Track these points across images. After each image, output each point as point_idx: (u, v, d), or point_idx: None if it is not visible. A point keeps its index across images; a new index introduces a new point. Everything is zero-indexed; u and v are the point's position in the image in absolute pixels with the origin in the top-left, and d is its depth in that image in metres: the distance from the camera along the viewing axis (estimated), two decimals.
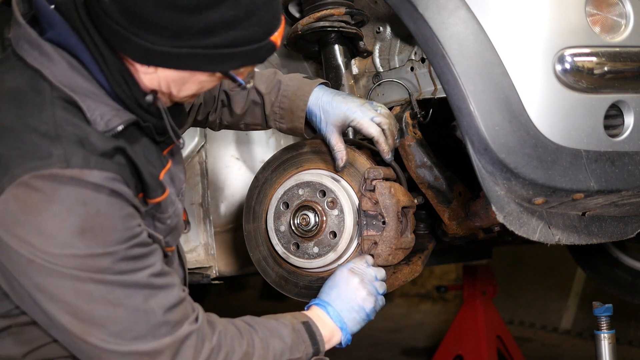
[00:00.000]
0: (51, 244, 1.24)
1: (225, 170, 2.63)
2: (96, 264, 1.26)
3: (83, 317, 1.27)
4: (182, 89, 1.43)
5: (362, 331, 1.87)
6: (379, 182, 1.83)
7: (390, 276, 1.96)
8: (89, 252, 1.25)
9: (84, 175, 1.25)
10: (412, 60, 2.07)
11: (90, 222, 1.25)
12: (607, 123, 1.70)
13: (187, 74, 1.38)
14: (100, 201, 1.27)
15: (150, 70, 1.37)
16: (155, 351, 1.30)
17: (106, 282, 1.27)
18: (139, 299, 1.30)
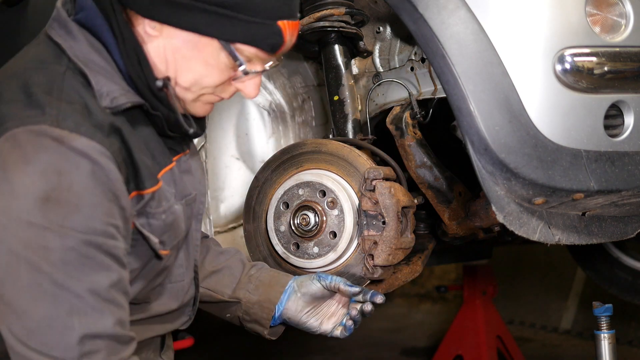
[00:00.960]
0: (13, 205, 1.20)
1: (225, 170, 2.63)
2: (42, 241, 1.19)
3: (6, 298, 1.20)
4: (188, 68, 1.39)
5: (362, 331, 1.86)
6: (379, 182, 1.83)
7: (390, 276, 1.96)
8: (42, 224, 1.18)
9: (71, 139, 1.22)
10: (412, 60, 2.07)
11: (57, 194, 1.20)
12: (607, 123, 1.70)
13: (191, 44, 1.36)
14: (77, 175, 1.21)
15: (157, 32, 1.36)
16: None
17: (41, 270, 1.19)
18: (64, 308, 1.20)
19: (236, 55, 1.38)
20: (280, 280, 1.82)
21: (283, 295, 1.79)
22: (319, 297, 1.79)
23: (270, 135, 2.66)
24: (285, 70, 2.56)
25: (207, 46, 1.37)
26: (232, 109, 2.64)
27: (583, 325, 5.17)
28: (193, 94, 1.44)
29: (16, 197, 1.20)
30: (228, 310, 1.83)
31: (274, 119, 2.65)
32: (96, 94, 1.32)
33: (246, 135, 2.65)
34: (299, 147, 2.02)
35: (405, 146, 2.03)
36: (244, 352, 4.96)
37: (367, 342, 5.29)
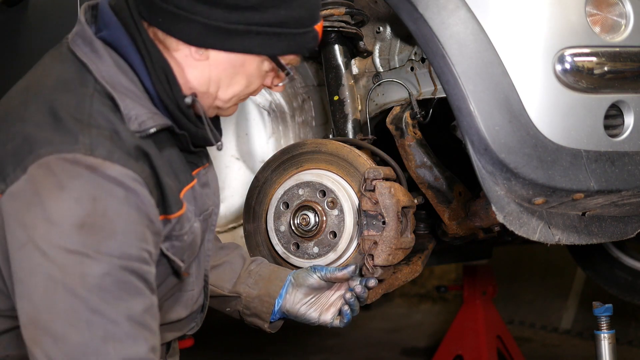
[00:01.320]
0: (49, 231, 1.21)
1: (225, 170, 2.63)
2: (79, 267, 1.20)
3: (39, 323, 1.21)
4: (230, 84, 1.44)
5: (362, 331, 1.86)
6: (379, 182, 1.83)
7: (390, 276, 1.96)
8: (78, 249, 1.20)
9: (105, 166, 1.23)
10: (412, 60, 2.07)
11: (93, 219, 1.21)
12: (607, 123, 1.70)
13: (239, 62, 1.41)
14: (111, 201, 1.22)
15: (203, 58, 1.39)
16: None
17: (77, 295, 1.19)
18: (99, 334, 1.20)
19: (284, 66, 1.45)
20: (279, 275, 1.82)
21: (282, 289, 1.80)
22: (316, 289, 1.79)
23: (270, 135, 2.66)
24: None
25: (253, 61, 1.43)
26: None
27: (583, 325, 5.17)
28: (233, 102, 1.49)
29: (52, 223, 1.20)
30: (228, 304, 1.83)
31: (274, 119, 2.65)
32: (124, 117, 1.32)
33: (246, 135, 2.65)
34: (299, 147, 2.02)
35: (405, 146, 2.03)
36: (244, 352, 4.96)
37: (367, 342, 5.28)
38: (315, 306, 1.80)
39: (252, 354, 4.94)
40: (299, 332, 5.41)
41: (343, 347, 5.12)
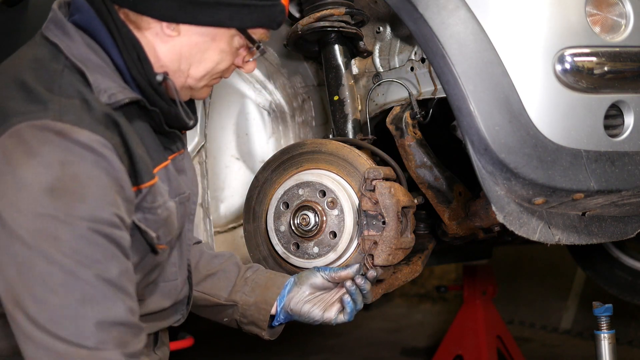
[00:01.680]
0: (21, 197, 1.22)
1: (225, 170, 2.63)
2: (52, 230, 1.21)
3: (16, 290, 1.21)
4: (202, 59, 1.47)
5: (362, 331, 1.85)
6: (379, 182, 1.83)
7: (390, 276, 1.96)
8: (49, 213, 1.20)
9: (74, 132, 1.25)
10: (412, 60, 2.07)
11: (63, 184, 1.22)
12: (607, 123, 1.70)
13: (209, 37, 1.44)
14: (81, 166, 1.24)
15: (174, 33, 1.42)
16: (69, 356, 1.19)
17: (52, 259, 1.20)
18: (76, 296, 1.21)
19: (253, 39, 1.49)
20: (276, 282, 1.82)
21: (284, 289, 1.79)
22: (320, 288, 1.79)
23: (270, 135, 2.66)
24: (285, 70, 2.56)
25: (223, 36, 1.47)
26: (232, 109, 2.64)
27: (583, 325, 5.17)
28: (205, 81, 1.53)
29: (23, 189, 1.22)
30: (225, 313, 1.83)
31: (274, 119, 2.65)
32: (94, 90, 1.35)
33: (246, 135, 2.65)
34: (299, 147, 2.02)
35: (405, 146, 2.03)
36: (244, 352, 4.96)
37: (367, 342, 5.29)
38: (319, 304, 1.79)
39: (252, 354, 4.94)
40: (299, 332, 5.41)
41: (343, 347, 5.12)
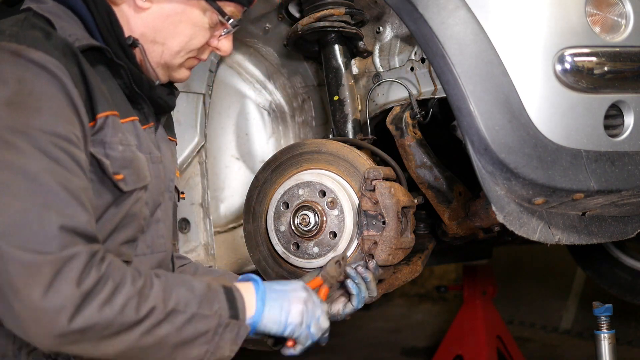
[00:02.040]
0: None
1: (225, 170, 2.63)
2: (11, 139, 1.21)
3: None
4: (175, 33, 1.54)
5: (362, 331, 1.83)
6: (379, 182, 1.83)
7: (390, 276, 1.96)
8: (8, 124, 1.21)
9: (28, 51, 1.27)
10: (412, 60, 2.07)
11: (20, 98, 1.24)
12: (607, 123, 1.70)
13: (180, 9, 1.52)
14: (37, 83, 1.26)
15: (146, 6, 1.50)
16: (36, 264, 1.18)
17: (13, 166, 1.20)
18: (38, 201, 1.20)
19: (223, 11, 1.56)
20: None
21: None
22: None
23: (270, 135, 2.66)
24: (285, 70, 2.56)
25: (194, 9, 1.54)
26: (232, 109, 2.64)
27: (583, 325, 5.17)
28: (181, 58, 1.58)
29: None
30: None
31: (274, 119, 2.65)
32: (58, 32, 1.38)
33: (246, 135, 2.65)
34: (299, 147, 2.02)
35: (405, 146, 2.03)
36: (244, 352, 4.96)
37: (367, 342, 5.29)
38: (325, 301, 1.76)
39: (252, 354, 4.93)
40: None
41: (343, 347, 5.12)
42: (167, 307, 1.30)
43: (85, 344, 1.22)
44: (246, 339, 1.45)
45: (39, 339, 1.20)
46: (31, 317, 1.18)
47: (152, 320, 1.27)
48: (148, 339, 1.27)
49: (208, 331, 1.35)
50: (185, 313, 1.32)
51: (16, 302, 1.18)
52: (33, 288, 1.17)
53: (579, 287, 5.35)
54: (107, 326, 1.22)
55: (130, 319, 1.24)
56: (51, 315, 1.18)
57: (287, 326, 1.51)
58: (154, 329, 1.28)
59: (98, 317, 1.20)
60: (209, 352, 1.36)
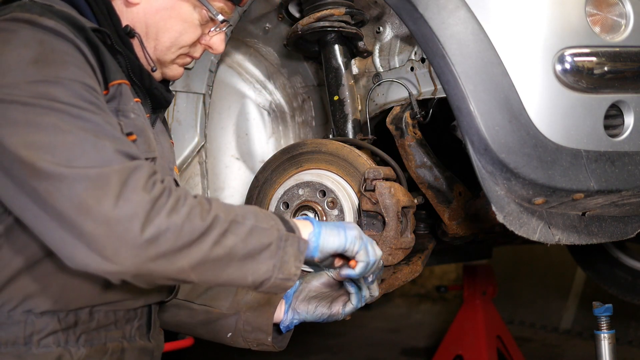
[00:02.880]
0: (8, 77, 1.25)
1: (225, 170, 2.63)
2: (48, 91, 1.24)
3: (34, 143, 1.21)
4: (166, 28, 1.56)
5: (362, 331, 1.82)
6: (379, 182, 1.83)
7: (390, 276, 1.96)
8: (41, 78, 1.24)
9: (42, 20, 1.31)
10: (412, 60, 2.07)
11: (44, 56, 1.27)
12: (607, 123, 1.70)
13: (169, 5, 1.55)
14: (56, 42, 1.30)
15: (136, 1, 1.53)
16: (103, 176, 1.19)
17: (56, 109, 1.23)
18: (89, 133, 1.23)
19: (210, 7, 1.58)
20: None
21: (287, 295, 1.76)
22: (326, 285, 1.74)
23: (270, 135, 2.66)
24: (285, 70, 2.56)
25: (182, 5, 1.56)
26: (232, 109, 2.64)
27: (583, 325, 5.17)
28: (173, 54, 1.60)
29: (8, 70, 1.25)
30: (228, 326, 1.78)
31: (274, 119, 2.65)
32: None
33: (246, 135, 2.65)
34: (299, 147, 2.02)
35: (405, 146, 2.03)
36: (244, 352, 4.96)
37: (367, 342, 5.29)
38: (325, 300, 1.74)
39: (251, 354, 4.93)
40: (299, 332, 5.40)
41: (343, 347, 5.12)
42: (229, 217, 1.29)
43: (160, 259, 1.20)
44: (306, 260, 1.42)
45: (117, 257, 1.18)
46: (106, 232, 1.16)
47: (218, 229, 1.26)
48: (218, 250, 1.26)
49: (271, 244, 1.33)
50: (245, 224, 1.31)
51: (89, 223, 1.17)
52: (104, 200, 1.16)
53: (579, 287, 5.35)
54: (178, 233, 1.21)
55: (197, 225, 1.24)
56: (125, 225, 1.17)
57: (347, 238, 1.47)
58: (221, 238, 1.27)
59: (167, 223, 1.20)
60: (276, 268, 1.34)
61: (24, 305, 1.37)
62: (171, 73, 1.65)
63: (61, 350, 1.39)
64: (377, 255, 1.52)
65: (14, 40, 1.28)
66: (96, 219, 1.16)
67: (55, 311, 1.40)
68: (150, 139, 1.49)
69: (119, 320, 1.49)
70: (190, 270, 1.24)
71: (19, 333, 1.36)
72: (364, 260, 1.49)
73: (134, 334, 1.54)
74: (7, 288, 1.36)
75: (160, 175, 1.27)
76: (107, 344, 1.47)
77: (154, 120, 1.66)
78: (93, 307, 1.44)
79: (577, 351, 4.83)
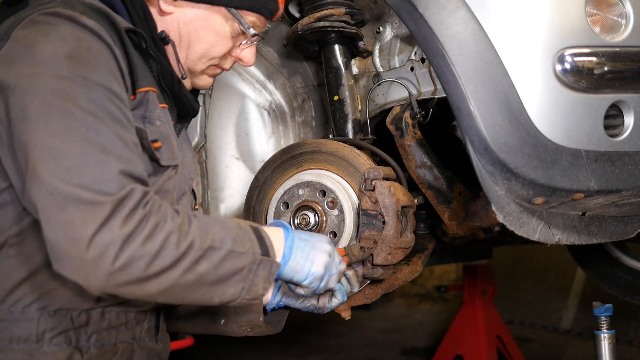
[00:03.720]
0: (42, 67, 1.28)
1: (225, 170, 2.63)
2: (71, 90, 1.26)
3: (43, 145, 1.24)
4: (198, 38, 1.59)
5: (362, 331, 1.82)
6: (379, 182, 1.83)
7: (390, 276, 1.96)
8: (70, 75, 1.27)
9: (83, 18, 1.34)
10: (412, 60, 2.07)
11: (79, 53, 1.30)
12: (607, 123, 1.70)
13: (202, 16, 1.58)
14: (93, 42, 1.33)
15: (170, 10, 1.57)
16: (95, 203, 1.21)
17: (72, 115, 1.25)
18: (97, 147, 1.25)
19: (242, 20, 1.61)
20: None
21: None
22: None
23: (270, 135, 2.66)
24: (285, 70, 2.56)
25: (215, 17, 1.59)
26: (232, 109, 2.64)
27: (583, 325, 5.17)
28: (203, 64, 1.64)
29: (42, 61, 1.28)
30: (220, 313, 1.77)
31: (274, 119, 2.65)
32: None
33: (246, 135, 2.65)
34: (299, 147, 2.02)
35: (405, 146, 2.03)
36: (244, 352, 4.97)
37: (367, 342, 5.29)
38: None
39: (251, 354, 4.94)
40: (299, 332, 5.41)
41: (343, 347, 5.12)
42: (205, 244, 1.31)
43: (129, 285, 1.24)
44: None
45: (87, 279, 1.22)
46: (81, 254, 1.20)
47: (192, 257, 1.29)
48: (188, 276, 1.28)
49: (243, 268, 1.36)
50: (221, 250, 1.33)
51: (68, 241, 1.20)
52: (89, 225, 1.20)
53: (579, 287, 5.35)
54: (150, 262, 1.24)
55: (170, 254, 1.26)
56: (101, 251, 1.20)
57: (308, 276, 1.52)
58: (194, 265, 1.29)
59: (141, 251, 1.23)
60: (244, 290, 1.37)
61: (40, 302, 1.39)
62: (201, 83, 1.69)
63: (72, 349, 1.40)
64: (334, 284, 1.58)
65: (53, 33, 1.31)
66: (75, 241, 1.20)
67: (69, 309, 1.41)
68: (173, 146, 1.51)
69: (130, 321, 1.50)
70: (157, 294, 1.28)
71: (32, 330, 1.38)
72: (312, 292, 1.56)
73: (144, 336, 1.55)
74: (24, 284, 1.38)
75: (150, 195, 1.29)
76: (118, 345, 1.48)
77: (179, 130, 1.68)
78: (105, 308, 1.45)
79: (577, 351, 4.83)
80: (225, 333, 1.79)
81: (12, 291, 1.37)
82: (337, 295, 1.72)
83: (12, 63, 1.30)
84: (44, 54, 1.29)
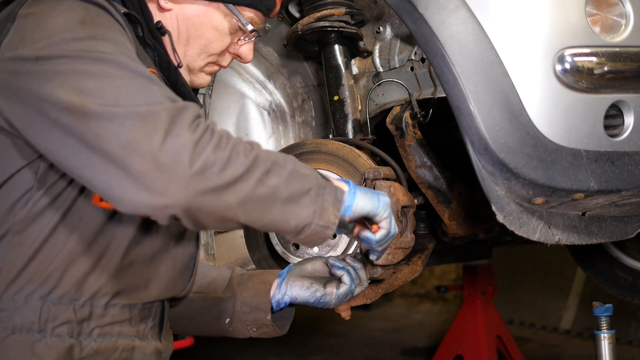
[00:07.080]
0: (54, 36, 1.27)
1: None
2: (96, 45, 1.27)
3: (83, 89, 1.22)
4: (197, 35, 1.61)
5: (362, 331, 1.82)
6: (379, 182, 1.83)
7: (390, 276, 1.96)
8: (88, 35, 1.27)
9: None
10: (412, 60, 2.07)
11: (91, 18, 1.31)
12: (607, 123, 1.70)
13: (201, 12, 1.60)
14: (101, 12, 1.34)
15: (168, 6, 1.59)
16: (152, 112, 1.21)
17: (105, 59, 1.25)
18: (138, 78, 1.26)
19: (240, 16, 1.62)
20: (273, 271, 1.79)
21: (284, 270, 1.76)
22: (318, 271, 1.75)
23: (270, 135, 2.66)
24: (285, 70, 2.56)
25: (214, 13, 1.61)
26: (232, 109, 2.64)
27: (583, 325, 5.18)
28: (202, 61, 1.65)
29: (56, 31, 1.28)
30: (225, 310, 1.76)
31: (274, 119, 2.65)
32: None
33: (246, 135, 2.65)
34: (298, 147, 2.02)
35: (405, 146, 2.03)
36: (244, 352, 4.97)
37: (367, 342, 5.29)
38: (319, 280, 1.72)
39: (251, 354, 4.94)
40: (299, 332, 5.42)
41: (343, 347, 5.12)
42: (269, 158, 1.30)
43: (208, 193, 1.21)
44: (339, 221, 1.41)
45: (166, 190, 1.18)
46: (155, 167, 1.17)
47: (262, 168, 1.27)
48: (262, 188, 1.27)
49: (310, 189, 1.33)
50: (285, 167, 1.31)
51: (137, 159, 1.18)
52: (153, 135, 1.18)
53: (579, 287, 5.36)
54: (224, 168, 1.22)
55: (241, 161, 1.25)
56: (174, 158, 1.18)
57: (380, 203, 1.46)
58: (265, 177, 1.27)
59: (214, 157, 1.21)
60: (316, 214, 1.34)
61: (42, 289, 1.37)
62: (198, 81, 1.69)
63: (73, 341, 1.39)
64: (395, 230, 1.52)
65: (60, 6, 1.32)
66: (145, 154, 1.17)
67: (72, 300, 1.39)
68: None
69: (134, 317, 1.49)
70: (237, 207, 1.25)
71: (34, 319, 1.36)
72: (386, 228, 1.50)
73: (147, 333, 1.54)
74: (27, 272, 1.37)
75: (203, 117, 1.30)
76: (119, 341, 1.46)
77: None
78: (109, 301, 1.44)
79: (577, 351, 4.83)
80: (228, 334, 1.77)
81: (14, 279, 1.36)
82: (345, 280, 1.69)
83: (24, 38, 1.29)
84: (55, 25, 1.29)
